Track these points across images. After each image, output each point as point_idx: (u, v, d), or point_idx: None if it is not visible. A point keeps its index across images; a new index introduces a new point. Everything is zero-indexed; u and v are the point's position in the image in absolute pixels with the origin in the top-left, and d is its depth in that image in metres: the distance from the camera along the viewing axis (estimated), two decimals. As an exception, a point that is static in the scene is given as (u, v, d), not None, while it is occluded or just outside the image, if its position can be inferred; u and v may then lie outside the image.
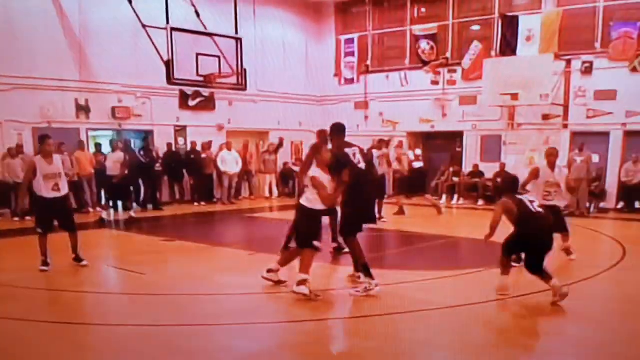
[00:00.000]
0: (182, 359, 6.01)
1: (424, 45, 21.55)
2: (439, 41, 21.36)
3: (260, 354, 6.18)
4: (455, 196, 19.80)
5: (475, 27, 21.19)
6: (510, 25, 19.33)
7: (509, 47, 19.37)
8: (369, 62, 23.39)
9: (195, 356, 6.07)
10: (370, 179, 8.75)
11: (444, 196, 20.04)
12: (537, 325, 7.22)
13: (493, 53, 20.00)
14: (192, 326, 6.91)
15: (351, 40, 23.54)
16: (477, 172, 19.89)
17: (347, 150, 8.31)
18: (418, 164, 21.07)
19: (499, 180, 19.05)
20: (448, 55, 21.38)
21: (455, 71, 21.14)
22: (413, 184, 16.51)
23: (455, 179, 19.98)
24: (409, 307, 7.56)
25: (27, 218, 15.34)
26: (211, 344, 6.42)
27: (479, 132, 20.46)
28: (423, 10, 22.46)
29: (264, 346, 6.44)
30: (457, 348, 6.29)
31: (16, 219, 15.56)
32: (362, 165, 8.38)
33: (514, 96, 18.26)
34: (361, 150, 8.71)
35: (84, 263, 10.01)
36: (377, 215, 14.87)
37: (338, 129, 8.52)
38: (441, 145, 21.78)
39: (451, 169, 20.17)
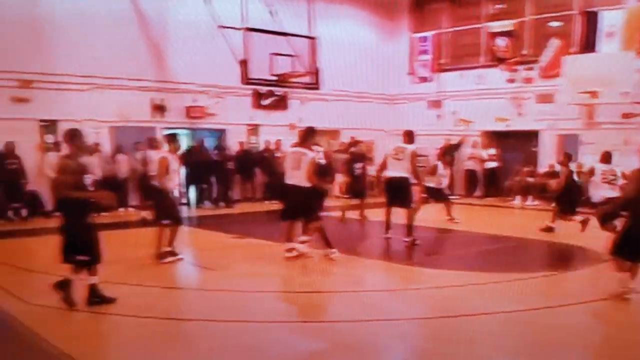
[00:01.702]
0: (244, 355, 6.08)
1: (500, 42, 21.10)
2: (516, 38, 20.87)
3: (320, 353, 6.22)
4: (530, 197, 19.32)
5: (554, 24, 20.61)
6: (591, 21, 18.71)
7: (589, 44, 18.77)
8: (443, 60, 23.12)
9: (256, 352, 6.12)
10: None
11: (518, 197, 19.60)
12: (599, 333, 6.99)
13: (572, 50, 19.40)
14: (256, 322, 6.98)
15: (425, 38, 23.30)
16: (552, 173, 19.35)
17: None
18: (492, 164, 20.82)
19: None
20: (525, 52, 20.89)
21: (532, 69, 20.57)
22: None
23: (530, 180, 19.49)
24: (475, 310, 7.45)
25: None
26: (272, 341, 6.46)
27: (555, 131, 19.90)
28: (499, 6, 22.02)
29: (325, 345, 6.44)
30: (521, 353, 6.17)
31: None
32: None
33: (593, 94, 17.65)
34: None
35: (179, 257, 10.36)
36: (448, 217, 14.75)
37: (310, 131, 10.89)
38: (516, 144, 21.31)
39: (525, 169, 19.70)
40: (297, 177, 10.27)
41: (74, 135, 7.49)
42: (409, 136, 12.26)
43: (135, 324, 7.00)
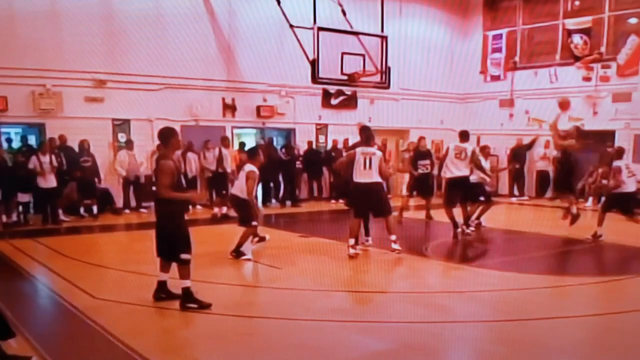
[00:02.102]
0: (308, 353, 6.07)
1: (577, 39, 20.51)
2: (593, 35, 20.24)
3: (386, 353, 6.16)
4: (603, 199, 18.63)
5: (633, 20, 19.92)
6: (671, 17, 18.05)
7: (669, 41, 18.09)
8: (516, 58, 22.62)
9: (321, 351, 6.12)
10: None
11: (590, 199, 18.97)
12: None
13: (651, 47, 18.71)
14: (320, 321, 6.97)
15: (499, 36, 22.84)
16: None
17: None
18: (564, 165, 20.18)
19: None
20: (602, 49, 20.24)
21: (609, 67, 19.93)
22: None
23: (604, 181, 18.79)
24: (545, 314, 7.24)
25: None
26: (338, 340, 6.45)
27: (632, 131, 19.17)
28: (577, 2, 21.41)
29: (390, 345, 6.38)
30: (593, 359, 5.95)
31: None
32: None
33: (673, 92, 17.00)
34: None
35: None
36: (476, 221, 14.31)
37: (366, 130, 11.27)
38: (590, 145, 20.65)
39: (600, 170, 19.01)
40: (369, 175, 10.54)
41: (169, 134, 7.50)
42: (465, 136, 13.02)
43: (201, 320, 7.08)
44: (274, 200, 18.71)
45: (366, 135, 11.10)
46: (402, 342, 6.43)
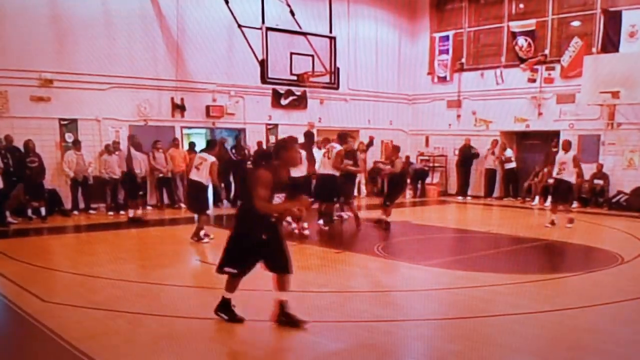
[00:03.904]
0: (262, 354, 6.06)
1: (522, 42, 20.91)
2: (537, 38, 20.68)
3: (342, 352, 6.16)
4: (549, 198, 19.08)
5: (576, 23, 20.40)
6: (613, 20, 18.48)
7: (610, 44, 18.52)
8: (463, 60, 22.96)
9: (277, 351, 6.12)
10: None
11: (537, 198, 19.40)
12: (628, 334, 6.86)
13: (594, 50, 19.13)
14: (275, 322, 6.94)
15: (446, 38, 23.14)
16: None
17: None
18: (511, 164, 20.64)
19: (595, 182, 18.42)
20: (546, 52, 20.69)
21: (553, 69, 20.41)
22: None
23: (550, 181, 19.24)
24: (498, 311, 7.40)
25: (122, 212, 15.96)
26: (294, 341, 6.46)
27: (576, 131, 19.60)
28: (521, 6, 21.83)
29: (346, 345, 6.39)
30: (547, 356, 6.08)
31: (110, 213, 16.14)
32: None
33: (615, 94, 17.40)
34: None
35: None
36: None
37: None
38: (536, 145, 21.13)
39: (545, 170, 19.44)
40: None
41: (282, 147, 6.68)
42: (342, 137, 14.03)
43: (155, 323, 6.98)
44: (225, 201, 18.56)
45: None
46: (357, 341, 6.46)
